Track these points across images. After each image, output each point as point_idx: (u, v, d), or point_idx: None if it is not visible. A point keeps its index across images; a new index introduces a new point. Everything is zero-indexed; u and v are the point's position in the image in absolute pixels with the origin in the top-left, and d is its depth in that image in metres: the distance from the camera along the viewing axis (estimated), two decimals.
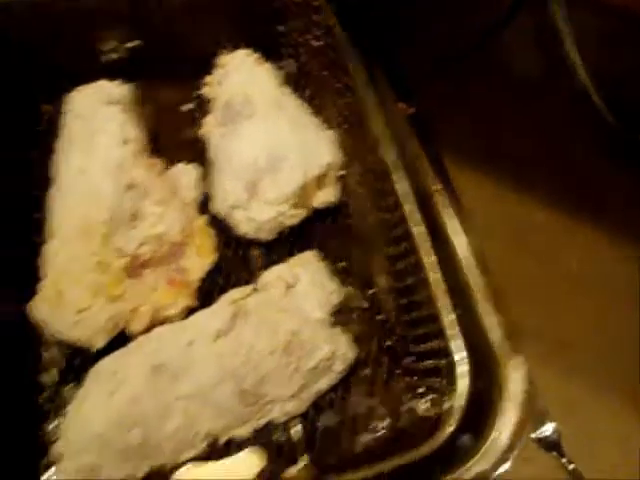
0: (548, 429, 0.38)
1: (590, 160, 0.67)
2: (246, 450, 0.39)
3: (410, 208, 0.44)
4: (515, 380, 0.38)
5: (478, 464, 0.36)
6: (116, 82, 0.56)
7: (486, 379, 0.39)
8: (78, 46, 0.58)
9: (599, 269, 0.60)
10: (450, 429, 0.38)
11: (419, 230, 0.43)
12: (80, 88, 0.56)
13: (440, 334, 0.40)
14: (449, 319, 0.40)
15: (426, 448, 0.38)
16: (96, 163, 0.51)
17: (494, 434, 0.37)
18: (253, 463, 0.36)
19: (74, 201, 0.50)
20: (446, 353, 0.40)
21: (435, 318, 0.41)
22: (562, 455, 0.38)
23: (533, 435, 0.37)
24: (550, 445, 0.37)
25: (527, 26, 0.75)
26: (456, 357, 0.39)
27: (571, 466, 0.38)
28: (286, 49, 0.64)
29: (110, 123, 0.53)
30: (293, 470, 0.35)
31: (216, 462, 0.36)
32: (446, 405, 0.40)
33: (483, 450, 0.36)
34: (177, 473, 0.35)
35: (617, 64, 0.71)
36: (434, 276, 0.42)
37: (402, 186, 0.45)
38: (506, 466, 0.36)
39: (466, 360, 0.39)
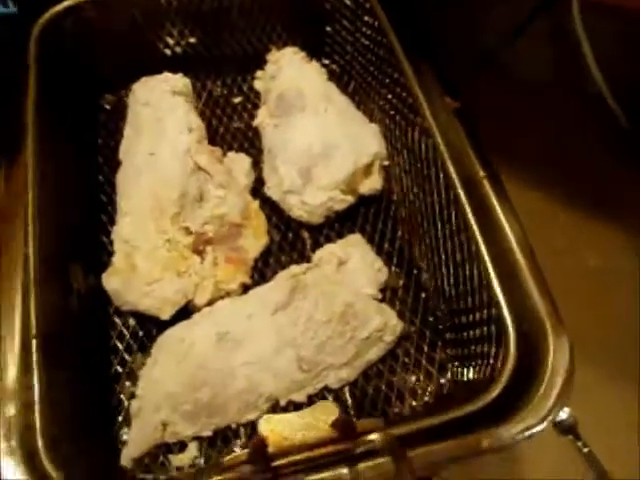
0: (564, 413, 0.41)
1: (605, 161, 0.71)
2: (319, 402, 0.43)
3: (457, 192, 0.48)
4: (558, 356, 0.41)
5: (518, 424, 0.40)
6: (179, 74, 0.61)
7: (532, 352, 0.42)
8: (142, 40, 0.63)
9: (614, 266, 0.64)
10: (494, 393, 0.42)
11: (465, 211, 0.47)
12: (145, 79, 0.61)
13: (488, 304, 0.45)
14: (497, 290, 0.44)
15: (470, 407, 0.42)
16: (165, 148, 0.55)
17: (536, 399, 0.40)
18: (327, 413, 0.40)
19: (146, 182, 0.54)
20: (495, 320, 0.44)
21: (482, 291, 0.46)
22: (578, 438, 0.40)
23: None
24: (566, 429, 0.40)
25: (540, 28, 0.79)
26: (507, 323, 0.42)
27: (586, 449, 0.41)
28: (331, 47, 0.68)
29: (176, 112, 0.57)
30: (365, 421, 0.39)
31: (292, 413, 0.40)
32: (490, 370, 0.44)
33: (524, 412, 0.40)
34: (259, 422, 0.39)
35: (630, 67, 0.74)
36: (482, 253, 0.46)
37: (449, 172, 0.49)
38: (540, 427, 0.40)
39: (513, 329, 0.43)
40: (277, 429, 0.39)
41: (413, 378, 0.53)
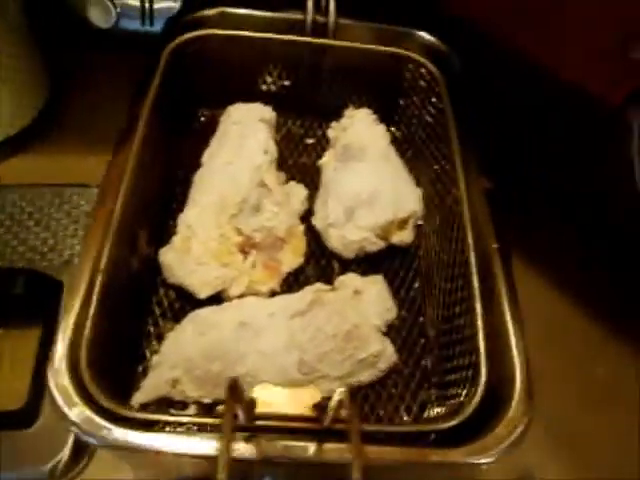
0: None
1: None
2: (308, 386, 0.50)
3: (468, 255, 0.56)
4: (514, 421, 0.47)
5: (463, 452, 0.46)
6: (268, 107, 0.73)
7: (496, 404, 0.49)
8: (246, 73, 0.76)
9: (624, 382, 0.66)
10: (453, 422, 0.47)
11: (472, 272, 0.55)
12: (240, 104, 0.73)
13: (471, 352, 0.52)
14: (482, 343, 0.51)
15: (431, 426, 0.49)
16: (241, 160, 0.66)
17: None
18: (311, 397, 0.47)
19: (217, 182, 0.65)
20: (474, 367, 0.51)
21: (468, 341, 0.53)
22: None
23: None
24: None
25: None
26: (482, 372, 0.49)
27: None
28: (400, 117, 0.79)
29: (258, 135, 0.68)
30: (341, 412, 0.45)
31: (283, 388, 0.47)
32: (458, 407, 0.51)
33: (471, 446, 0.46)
34: (257, 387, 0.47)
35: None
36: (477, 310, 0.53)
37: (468, 238, 0.57)
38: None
39: (485, 374, 0.49)
40: (268, 396, 0.47)
41: (393, 408, 0.59)
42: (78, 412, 0.44)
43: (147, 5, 0.82)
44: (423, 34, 0.75)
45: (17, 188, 0.70)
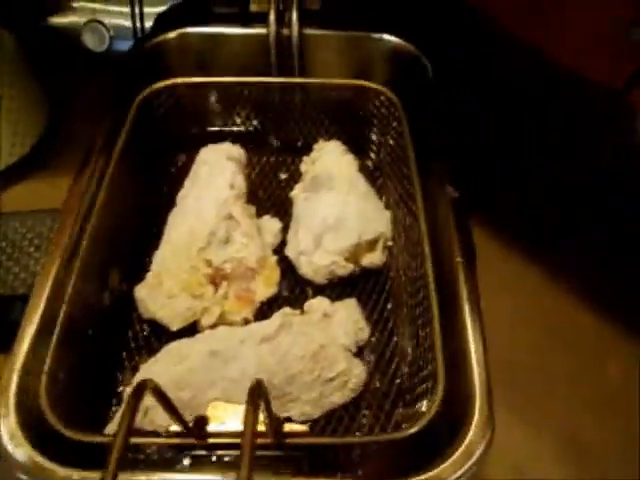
0: None
1: None
2: None
3: (427, 267, 0.57)
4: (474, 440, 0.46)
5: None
6: (237, 146, 0.76)
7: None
8: (216, 115, 0.80)
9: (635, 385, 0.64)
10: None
11: (430, 282, 0.55)
12: (211, 145, 0.76)
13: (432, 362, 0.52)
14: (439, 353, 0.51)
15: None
16: (209, 196, 0.69)
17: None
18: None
19: (187, 219, 0.67)
20: (433, 378, 0.50)
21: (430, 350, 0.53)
22: None
23: None
24: None
25: None
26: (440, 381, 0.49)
27: None
28: (368, 145, 0.81)
29: (225, 172, 0.71)
30: (295, 426, 0.46)
31: (236, 406, 0.48)
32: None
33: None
34: (209, 405, 0.48)
35: None
36: (435, 320, 0.53)
37: (425, 251, 0.58)
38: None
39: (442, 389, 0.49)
40: (221, 415, 0.47)
41: (367, 429, 0.59)
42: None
43: (139, 26, 0.85)
44: (390, 37, 0.76)
45: (17, 215, 0.72)
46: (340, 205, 0.70)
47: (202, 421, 0.45)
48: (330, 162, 0.76)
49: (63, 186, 0.74)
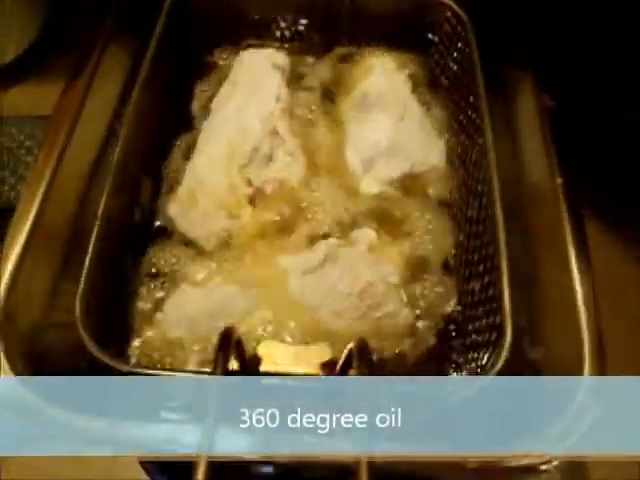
0: None
1: None
2: (318, 344, 0.47)
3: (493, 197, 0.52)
4: None
5: None
6: (282, 53, 0.68)
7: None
8: (260, 17, 0.71)
9: None
10: None
11: (499, 218, 0.51)
12: (253, 50, 0.68)
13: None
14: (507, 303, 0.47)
15: None
16: (252, 107, 0.62)
17: None
18: (320, 355, 0.44)
19: (227, 130, 0.61)
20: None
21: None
22: None
23: None
24: None
25: None
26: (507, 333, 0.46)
27: None
28: (422, 62, 0.73)
29: (272, 81, 0.64)
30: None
31: (289, 346, 0.44)
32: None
33: None
34: (260, 344, 0.44)
35: None
36: (503, 268, 0.49)
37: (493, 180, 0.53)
38: None
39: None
40: (273, 354, 0.44)
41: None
42: None
43: None
44: None
45: (15, 120, 0.65)
46: (394, 130, 0.64)
47: (256, 361, 0.42)
48: (382, 79, 0.69)
49: None
